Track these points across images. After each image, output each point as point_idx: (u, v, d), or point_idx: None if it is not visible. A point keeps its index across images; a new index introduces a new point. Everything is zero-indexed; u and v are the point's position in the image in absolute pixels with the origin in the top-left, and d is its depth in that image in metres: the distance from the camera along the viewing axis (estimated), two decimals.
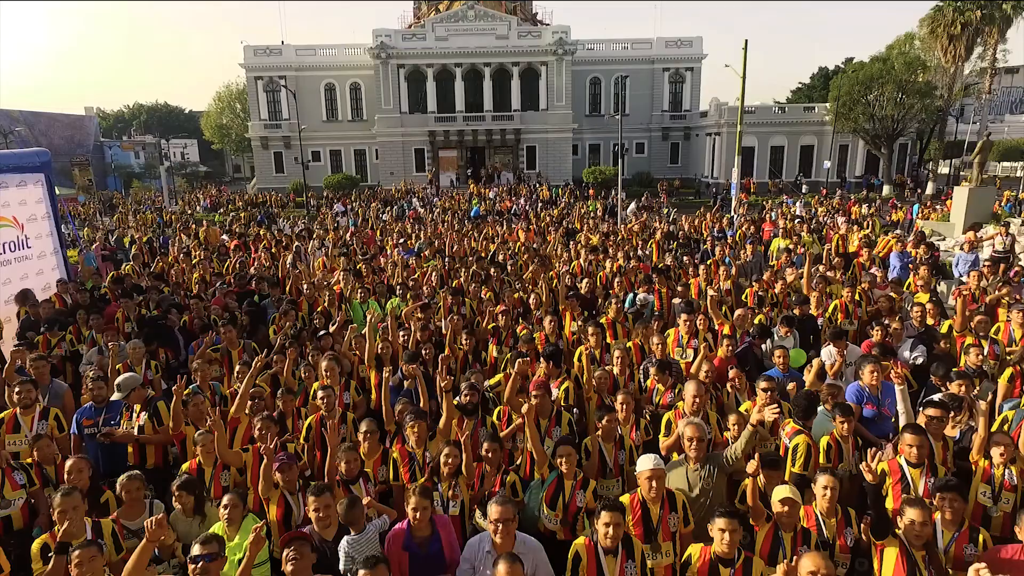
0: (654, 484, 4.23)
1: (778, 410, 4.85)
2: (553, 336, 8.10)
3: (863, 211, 28.20)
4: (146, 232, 26.38)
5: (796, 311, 8.69)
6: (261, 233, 17.76)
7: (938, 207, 27.74)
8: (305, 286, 9.89)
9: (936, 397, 5.74)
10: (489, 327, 8.47)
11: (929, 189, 42.79)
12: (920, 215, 26.82)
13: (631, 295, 10.22)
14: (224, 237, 17.51)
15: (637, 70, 50.78)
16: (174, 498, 4.63)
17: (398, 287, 9.86)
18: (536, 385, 5.49)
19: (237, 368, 6.63)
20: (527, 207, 31.71)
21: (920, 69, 40.61)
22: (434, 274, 11.17)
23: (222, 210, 37.23)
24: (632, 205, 31.04)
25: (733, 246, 15.40)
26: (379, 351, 7.07)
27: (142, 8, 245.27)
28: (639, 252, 14.51)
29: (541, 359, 6.62)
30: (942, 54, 40.66)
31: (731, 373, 6.53)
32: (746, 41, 25.09)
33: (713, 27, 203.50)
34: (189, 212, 34.64)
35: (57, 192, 40.15)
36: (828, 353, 7.47)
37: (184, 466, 5.24)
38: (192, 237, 18.05)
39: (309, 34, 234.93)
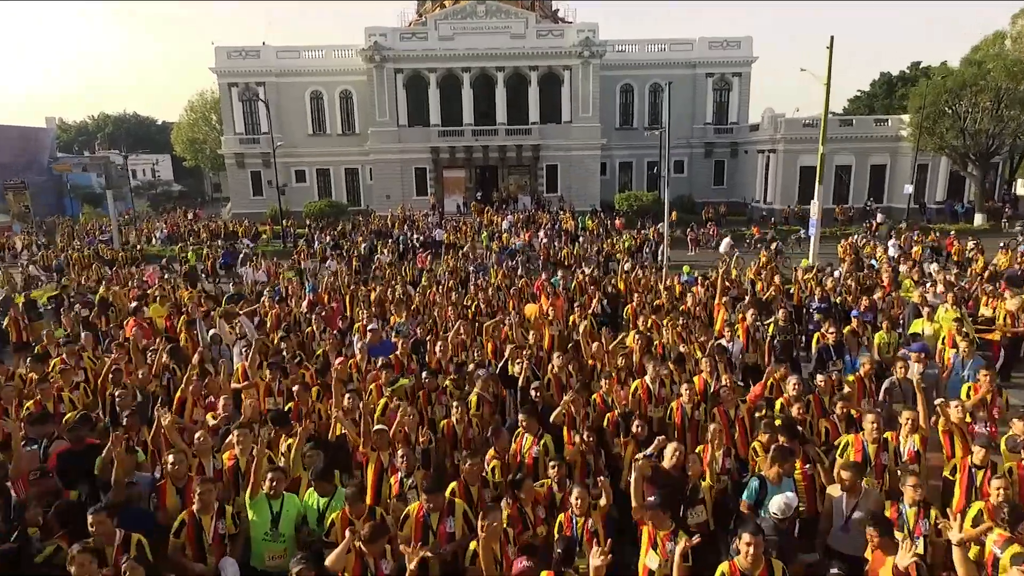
0: None
1: None
2: None
3: (968, 249, 24.21)
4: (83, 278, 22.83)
5: None
6: (186, 299, 13.85)
7: None
8: (171, 456, 5.97)
9: None
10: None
11: None
12: None
13: (752, 484, 6.16)
14: (133, 304, 13.64)
15: (676, 75, 47.05)
16: None
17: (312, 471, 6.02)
18: None
19: None
20: (553, 242, 27.95)
21: (1022, 74, 36.64)
22: (408, 415, 7.19)
23: (181, 244, 33.86)
24: (727, 240, 27.13)
25: (858, 332, 11.35)
26: None
27: (133, 8, 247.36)
28: (724, 343, 10.51)
29: None
30: None
31: None
32: (832, 38, 21.58)
33: (728, 29, 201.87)
34: (139, 248, 31.11)
35: None
36: None
37: None
38: (96, 304, 14.33)
39: (308, 37, 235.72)
